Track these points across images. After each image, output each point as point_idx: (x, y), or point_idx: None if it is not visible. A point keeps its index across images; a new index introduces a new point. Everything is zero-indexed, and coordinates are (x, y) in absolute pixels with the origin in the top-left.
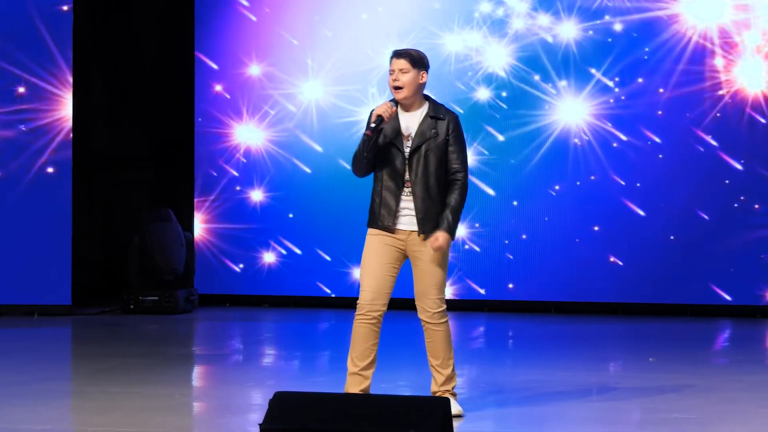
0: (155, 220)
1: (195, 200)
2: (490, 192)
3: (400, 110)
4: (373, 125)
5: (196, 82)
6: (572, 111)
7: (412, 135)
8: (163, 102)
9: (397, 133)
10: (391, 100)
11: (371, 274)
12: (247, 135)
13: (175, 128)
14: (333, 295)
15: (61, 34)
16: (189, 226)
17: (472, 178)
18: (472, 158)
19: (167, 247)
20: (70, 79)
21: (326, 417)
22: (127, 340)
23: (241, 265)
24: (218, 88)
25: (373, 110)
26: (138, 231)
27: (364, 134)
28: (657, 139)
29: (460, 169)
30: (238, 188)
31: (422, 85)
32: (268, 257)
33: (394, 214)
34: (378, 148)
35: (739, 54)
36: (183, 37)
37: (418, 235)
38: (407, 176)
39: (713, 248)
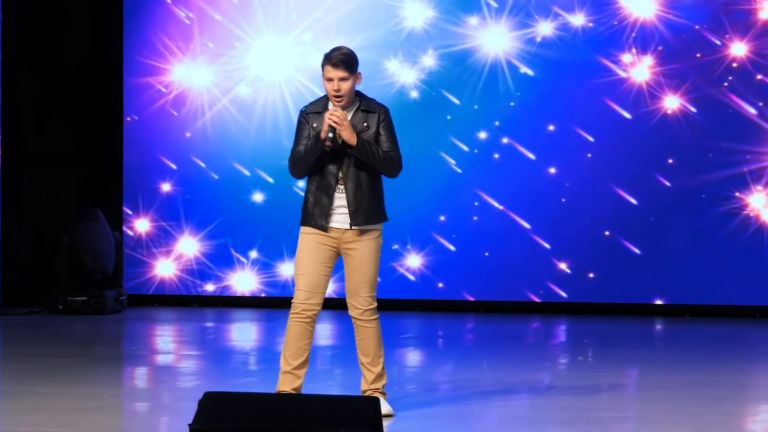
0: (84, 220)
1: (123, 200)
2: (420, 191)
3: None
4: (330, 135)
5: (125, 81)
6: (497, 105)
7: None
8: (92, 101)
9: (335, 144)
10: (325, 96)
11: (305, 273)
12: (177, 134)
13: (104, 128)
14: (263, 295)
15: None
16: (117, 226)
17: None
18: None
19: (96, 247)
20: None
21: (256, 417)
22: (56, 341)
23: (171, 265)
24: (148, 87)
25: (304, 108)
26: (67, 231)
27: (318, 139)
28: (589, 137)
29: (392, 148)
30: (167, 188)
31: (356, 86)
32: (197, 257)
33: (327, 212)
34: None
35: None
36: (112, 35)
37: (350, 228)
38: (340, 173)
39: (646, 246)
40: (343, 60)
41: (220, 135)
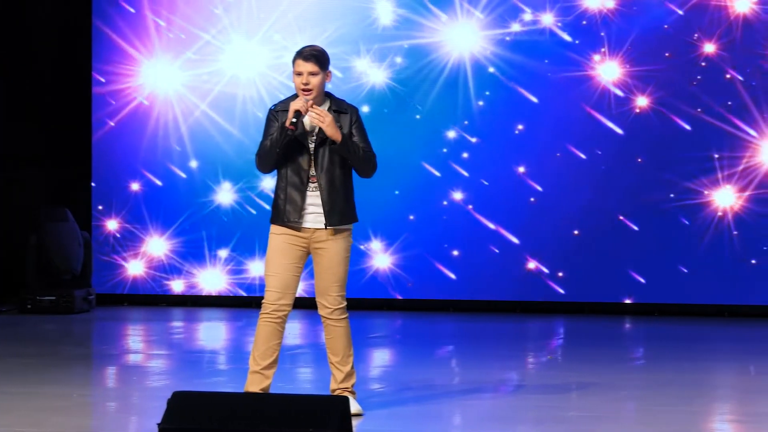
0: (52, 219)
1: (92, 199)
2: (390, 190)
3: None
4: (294, 120)
5: (93, 81)
6: (466, 105)
7: (317, 130)
8: (60, 100)
9: (302, 128)
10: (294, 94)
11: (276, 274)
12: (144, 134)
13: (72, 127)
14: (231, 294)
15: None
16: (86, 226)
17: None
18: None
19: (65, 246)
20: None
21: (225, 416)
22: (24, 340)
23: (140, 265)
24: (115, 87)
25: (273, 106)
26: (35, 230)
27: (283, 128)
28: (557, 136)
29: (367, 149)
30: (135, 187)
31: (326, 84)
32: (166, 256)
33: (300, 211)
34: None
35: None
36: (80, 35)
37: (325, 228)
38: (312, 171)
39: (615, 245)
40: (314, 54)
41: (189, 135)
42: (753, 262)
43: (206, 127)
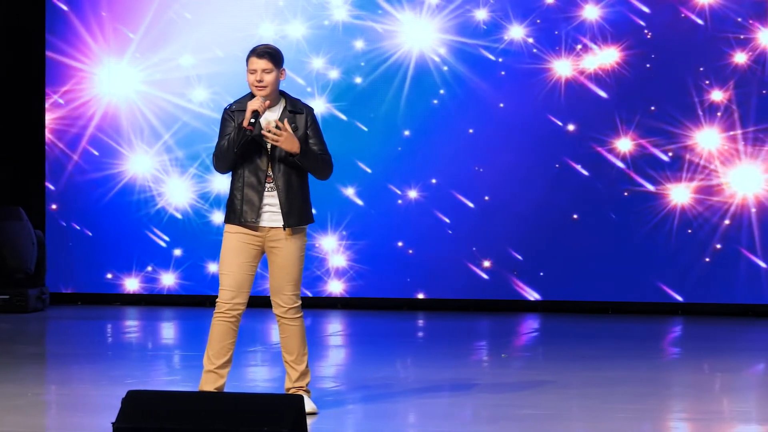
0: (5, 218)
1: (46, 199)
2: (344, 188)
3: None
4: (252, 120)
5: (47, 80)
6: (421, 103)
7: (273, 129)
8: (13, 100)
9: (258, 128)
10: (249, 93)
11: (230, 273)
12: (98, 134)
13: (25, 126)
14: (185, 293)
15: None
16: (40, 225)
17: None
18: None
19: (18, 245)
20: None
21: (179, 416)
22: None
23: (94, 264)
24: (69, 87)
25: (228, 106)
26: None
27: (240, 128)
28: (511, 135)
29: (323, 150)
30: (90, 185)
31: (280, 82)
32: (120, 255)
33: (257, 211)
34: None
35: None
36: (34, 34)
37: (284, 230)
38: (269, 171)
39: (568, 243)
40: (267, 52)
41: (150, 132)
42: (707, 260)
43: (164, 124)
